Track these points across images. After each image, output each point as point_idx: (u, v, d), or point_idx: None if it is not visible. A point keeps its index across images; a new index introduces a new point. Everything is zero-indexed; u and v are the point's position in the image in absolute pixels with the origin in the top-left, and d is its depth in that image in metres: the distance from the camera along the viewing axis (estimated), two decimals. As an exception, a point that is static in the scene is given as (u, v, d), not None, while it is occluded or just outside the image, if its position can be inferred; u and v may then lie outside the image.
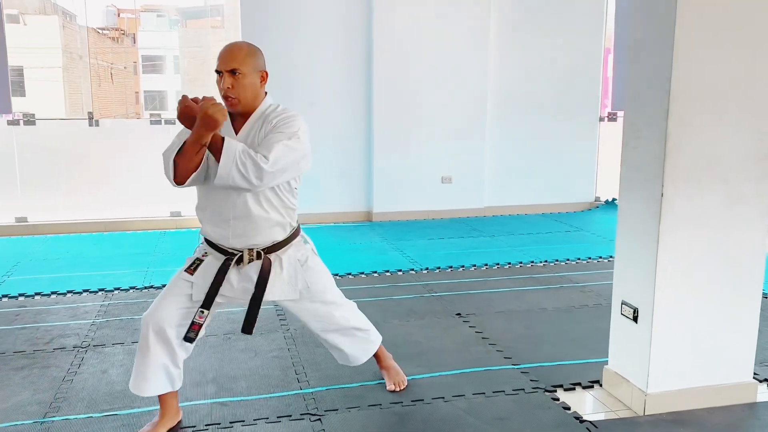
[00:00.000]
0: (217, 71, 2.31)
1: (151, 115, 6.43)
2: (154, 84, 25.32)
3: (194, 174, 2.27)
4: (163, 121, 6.22)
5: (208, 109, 2.13)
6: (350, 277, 4.60)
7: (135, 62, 26.63)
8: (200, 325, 2.37)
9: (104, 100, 22.67)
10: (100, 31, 25.10)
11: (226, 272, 2.36)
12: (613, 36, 7.13)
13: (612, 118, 7.36)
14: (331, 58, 6.48)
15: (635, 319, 2.66)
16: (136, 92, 26.22)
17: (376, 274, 4.69)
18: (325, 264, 2.61)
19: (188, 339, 2.37)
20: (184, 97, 2.22)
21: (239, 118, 2.38)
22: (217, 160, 2.18)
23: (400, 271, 4.78)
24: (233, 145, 2.17)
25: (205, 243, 2.46)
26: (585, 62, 7.11)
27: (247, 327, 2.42)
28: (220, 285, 2.36)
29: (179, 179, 2.27)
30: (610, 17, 7.18)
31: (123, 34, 27.56)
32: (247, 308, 2.41)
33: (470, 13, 6.65)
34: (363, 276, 4.65)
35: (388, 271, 4.76)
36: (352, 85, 6.59)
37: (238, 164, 2.15)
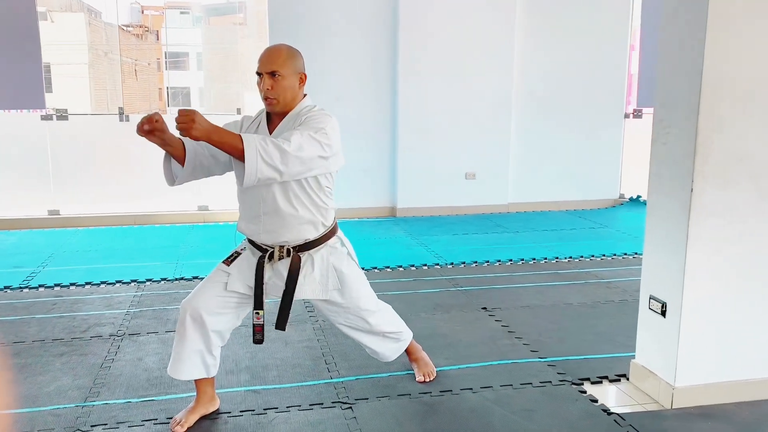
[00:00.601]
0: (257, 73, 2.37)
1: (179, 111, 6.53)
2: (178, 80, 25.59)
3: (186, 170, 2.34)
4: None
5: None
6: (376, 271, 4.65)
7: (158, 59, 26.95)
8: (261, 326, 2.46)
9: (129, 97, 22.97)
10: (125, 28, 25.43)
11: (262, 269, 2.43)
12: (638, 32, 7.09)
13: (637, 114, 7.32)
14: (357, 53, 6.54)
15: (663, 313, 2.68)
16: (160, 88, 26.53)
17: (401, 269, 4.75)
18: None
19: (256, 341, 2.49)
20: (156, 113, 2.15)
21: (276, 118, 2.44)
22: (238, 158, 2.17)
23: (425, 265, 4.83)
24: (251, 138, 2.16)
25: (246, 238, 2.53)
26: (610, 58, 7.09)
27: (281, 323, 2.48)
28: (263, 283, 2.43)
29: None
30: (635, 13, 7.14)
31: (147, 30, 27.90)
32: (279, 305, 2.47)
33: (496, 9, 6.67)
34: (388, 270, 4.70)
35: (413, 266, 4.81)
36: (377, 81, 6.64)
37: (261, 154, 2.14)
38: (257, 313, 2.46)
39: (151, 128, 2.13)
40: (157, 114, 2.14)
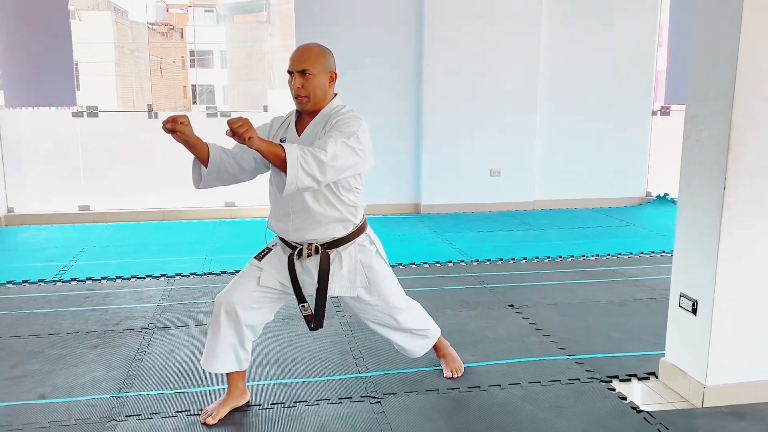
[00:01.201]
0: (288, 71, 2.39)
1: (207, 108, 6.62)
2: (202, 78, 25.83)
3: (211, 174, 2.38)
4: (218, 113, 6.40)
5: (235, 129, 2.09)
6: (401, 267, 4.67)
7: (183, 57, 27.22)
8: (312, 316, 2.50)
9: (155, 94, 23.23)
10: (150, 26, 25.71)
11: (293, 266, 2.46)
12: (667, 28, 7.01)
13: (665, 111, 7.24)
14: (382, 51, 6.56)
15: (694, 311, 2.66)
16: (184, 86, 26.80)
17: (426, 265, 4.76)
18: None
19: (312, 329, 2.54)
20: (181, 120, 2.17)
21: (306, 117, 2.46)
22: (280, 168, 2.18)
23: (451, 262, 4.84)
24: (292, 149, 2.17)
25: (277, 235, 2.57)
26: (637, 55, 7.02)
27: (317, 322, 2.51)
28: (297, 278, 2.46)
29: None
30: (664, 9, 7.06)
31: (172, 29, 28.19)
32: (314, 304, 2.49)
33: (522, 5, 6.64)
34: (414, 267, 4.71)
35: (438, 263, 4.82)
36: (402, 78, 6.65)
37: (302, 164, 2.16)
38: (303, 306, 2.50)
39: (173, 128, 2.16)
40: (185, 116, 2.18)
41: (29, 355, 3.15)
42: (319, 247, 2.45)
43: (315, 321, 2.51)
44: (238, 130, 2.05)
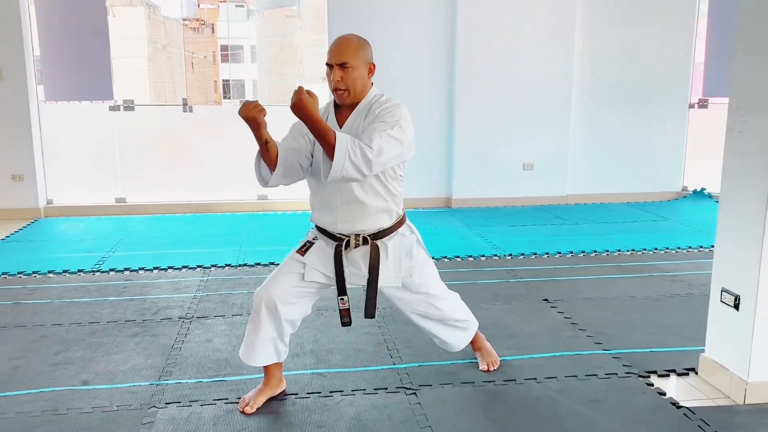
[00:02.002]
0: (327, 64, 2.40)
1: (240, 102, 6.68)
2: (233, 73, 26.07)
3: (278, 172, 2.39)
4: (252, 107, 6.45)
5: (295, 99, 2.19)
6: (433, 260, 4.65)
7: (214, 52, 27.51)
8: (348, 310, 2.51)
9: (186, 89, 23.52)
10: (182, 21, 26.02)
11: (341, 257, 2.46)
12: (706, 20, 6.86)
13: (703, 104, 7.10)
14: (414, 42, 6.54)
15: (737, 306, 2.61)
16: (215, 81, 27.10)
17: (458, 259, 4.75)
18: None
19: (345, 324, 2.54)
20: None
21: (345, 109, 2.46)
22: (327, 152, 2.22)
23: (483, 256, 4.82)
24: (344, 138, 2.20)
25: (315, 228, 2.57)
26: (675, 47, 6.89)
27: (370, 311, 2.51)
28: (343, 271, 2.47)
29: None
30: (703, 1, 6.91)
31: (203, 24, 28.50)
32: (366, 295, 2.50)
33: (556, -2, 6.57)
34: (446, 260, 4.71)
35: (470, 256, 4.80)
36: (434, 70, 6.63)
37: (350, 155, 2.18)
38: (342, 299, 2.50)
39: (248, 114, 2.25)
40: (257, 102, 2.29)
41: (71, 342, 3.22)
42: (368, 238, 2.46)
43: (367, 311, 2.51)
44: (301, 89, 2.15)
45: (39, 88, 6.31)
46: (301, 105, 2.17)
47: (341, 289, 2.49)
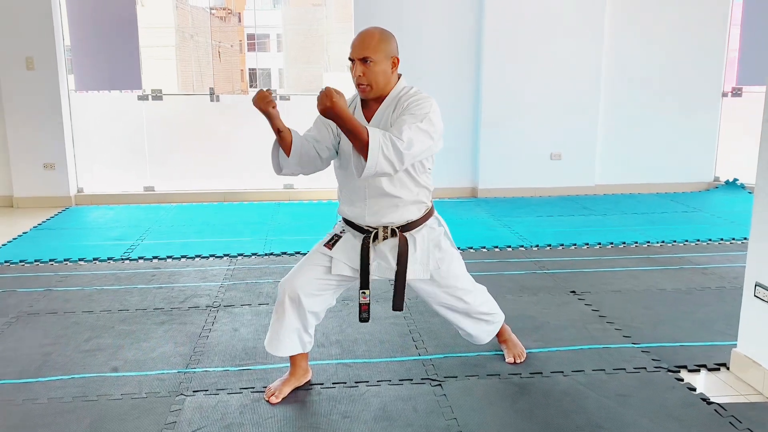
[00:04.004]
0: (349, 59, 2.37)
1: (267, 90, 6.68)
2: (259, 62, 26.13)
3: (292, 160, 2.39)
4: (278, 96, 6.47)
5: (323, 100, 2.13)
6: (459, 251, 4.62)
7: (240, 40, 27.61)
8: (368, 305, 2.50)
9: (213, 78, 23.66)
10: (210, 10, 26.14)
11: (368, 250, 2.45)
12: (741, 7, 6.68)
13: (736, 93, 6.93)
14: (441, 31, 6.48)
15: (771, 301, 2.55)
16: (242, 70, 27.21)
17: (484, 250, 4.71)
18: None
19: (363, 320, 2.53)
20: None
21: (372, 103, 2.44)
22: (359, 150, 2.16)
23: (509, 247, 4.78)
24: (376, 133, 2.16)
25: (342, 221, 2.57)
26: (708, 34, 6.73)
27: (398, 303, 2.50)
28: (369, 264, 2.45)
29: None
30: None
31: (230, 13, 28.60)
32: (394, 287, 2.49)
33: (586, -15, 6.45)
34: (471, 251, 4.68)
35: (496, 247, 4.77)
36: (461, 59, 6.56)
37: (384, 150, 2.15)
38: (363, 293, 2.49)
39: (258, 106, 2.28)
40: (269, 91, 2.29)
41: (101, 329, 3.28)
42: (397, 230, 2.45)
43: (395, 303, 2.50)
44: (330, 92, 2.08)
45: (69, 78, 6.40)
46: (332, 109, 2.11)
47: (364, 283, 2.48)
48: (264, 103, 2.28)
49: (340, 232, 2.54)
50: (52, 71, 6.14)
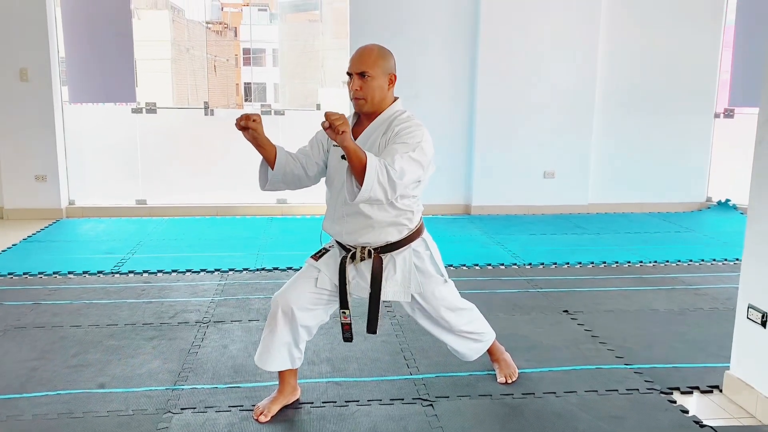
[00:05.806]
0: (348, 73, 2.40)
1: (262, 105, 6.70)
2: (254, 76, 26.18)
3: (276, 177, 2.42)
4: (272, 111, 6.47)
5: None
6: (452, 268, 4.62)
7: (236, 55, 27.69)
8: (349, 325, 2.49)
9: (208, 92, 23.69)
10: (206, 24, 26.24)
11: (344, 269, 2.44)
12: (732, 29, 6.75)
13: (728, 114, 6.98)
14: (436, 49, 6.51)
15: (764, 324, 2.54)
16: (237, 84, 27.27)
17: (477, 267, 4.70)
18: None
19: (346, 339, 2.53)
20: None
21: (364, 120, 2.45)
22: (356, 173, 2.14)
23: (502, 265, 4.76)
24: (373, 159, 2.13)
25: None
26: (700, 56, 6.79)
27: (371, 326, 2.49)
28: (346, 282, 2.44)
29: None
30: (730, 10, 6.80)
31: (226, 27, 28.72)
32: (368, 308, 2.48)
33: (580, 4, 6.50)
34: (464, 268, 4.66)
35: (489, 265, 4.75)
36: (455, 77, 6.59)
37: (379, 176, 2.13)
38: (344, 313, 2.48)
39: (246, 125, 2.26)
40: (257, 115, 2.26)
41: (89, 344, 3.23)
42: (373, 251, 2.44)
43: (369, 326, 2.49)
44: (335, 122, 2.03)
45: (63, 89, 6.39)
46: (343, 137, 2.07)
47: (343, 302, 2.46)
48: (244, 120, 2.26)
49: (329, 246, 2.55)
50: (46, 83, 6.12)
